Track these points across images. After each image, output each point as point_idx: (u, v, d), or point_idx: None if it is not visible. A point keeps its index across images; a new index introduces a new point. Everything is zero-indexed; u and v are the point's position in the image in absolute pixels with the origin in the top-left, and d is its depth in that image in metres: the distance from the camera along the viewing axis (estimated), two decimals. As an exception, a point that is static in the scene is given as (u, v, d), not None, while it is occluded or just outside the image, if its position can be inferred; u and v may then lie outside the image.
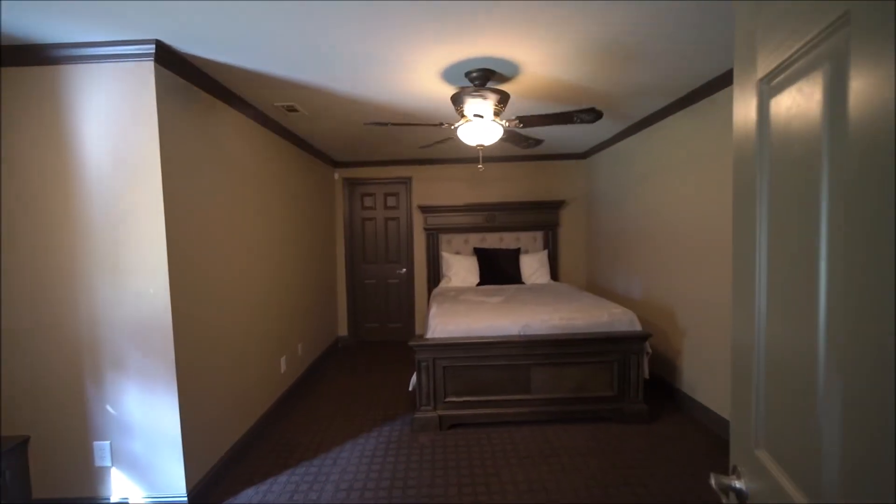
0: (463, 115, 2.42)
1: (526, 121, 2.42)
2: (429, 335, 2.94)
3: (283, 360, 3.37)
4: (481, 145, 2.47)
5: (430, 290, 5.00)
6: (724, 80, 2.51)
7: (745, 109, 0.71)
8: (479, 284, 4.61)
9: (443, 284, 4.67)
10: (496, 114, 2.34)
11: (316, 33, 1.87)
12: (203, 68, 2.21)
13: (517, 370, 2.90)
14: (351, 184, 5.12)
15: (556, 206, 5.00)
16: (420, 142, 4.07)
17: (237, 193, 2.68)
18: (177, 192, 2.08)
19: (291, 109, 2.93)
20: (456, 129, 2.47)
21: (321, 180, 4.56)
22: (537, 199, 5.02)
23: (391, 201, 5.17)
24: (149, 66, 1.93)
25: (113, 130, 1.95)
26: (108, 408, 2.04)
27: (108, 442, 2.06)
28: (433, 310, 3.29)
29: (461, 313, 3.11)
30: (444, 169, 5.05)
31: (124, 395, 2.04)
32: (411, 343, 2.83)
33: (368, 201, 5.18)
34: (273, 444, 2.75)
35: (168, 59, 1.99)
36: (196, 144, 2.25)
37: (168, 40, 1.91)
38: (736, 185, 0.75)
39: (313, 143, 4.06)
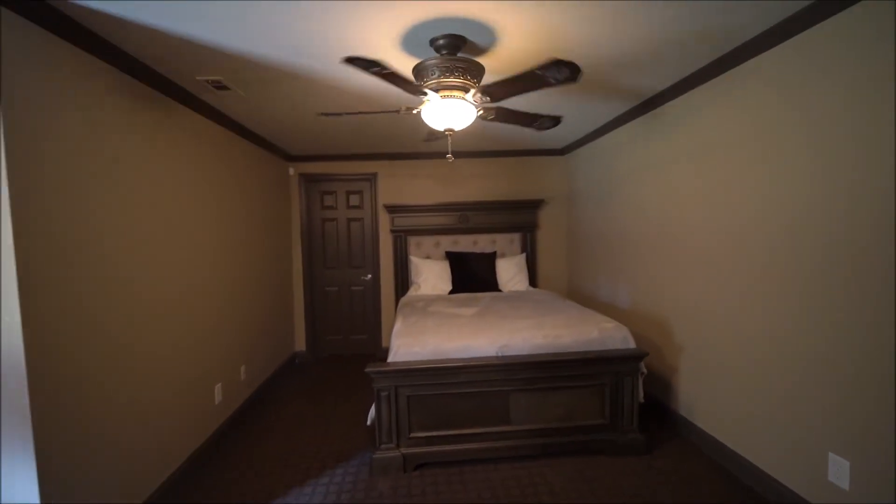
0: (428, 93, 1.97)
1: (491, 92, 1.95)
2: (391, 359, 2.47)
3: (217, 388, 2.82)
4: (451, 130, 2.02)
5: (398, 298, 4.52)
6: (747, 50, 2.15)
7: None
8: (451, 292, 4.16)
9: (411, 293, 4.19)
10: (466, 90, 1.90)
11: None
12: (81, 21, 1.67)
13: (494, 398, 2.46)
14: (308, 180, 4.57)
15: (534, 205, 4.61)
16: (385, 133, 3.59)
17: (144, 187, 2.13)
18: (37, 184, 1.53)
19: (220, 86, 2.39)
20: (419, 110, 2.02)
21: (272, 175, 4.00)
22: (514, 199, 4.61)
23: (354, 200, 4.65)
24: (-15, 8, 1.39)
25: (-67, 97, 1.40)
26: (-64, 483, 1.48)
27: (-65, 530, 1.49)
28: (397, 327, 2.82)
29: (429, 331, 2.65)
30: (412, 164, 4.58)
31: (-41, 464, 1.48)
32: (368, 369, 2.35)
33: (329, 200, 4.64)
34: (195, 502, 2.21)
35: (22, 1, 1.45)
36: (75, 124, 1.71)
37: (12, -28, 1.38)
38: None
39: (259, 132, 3.50)
